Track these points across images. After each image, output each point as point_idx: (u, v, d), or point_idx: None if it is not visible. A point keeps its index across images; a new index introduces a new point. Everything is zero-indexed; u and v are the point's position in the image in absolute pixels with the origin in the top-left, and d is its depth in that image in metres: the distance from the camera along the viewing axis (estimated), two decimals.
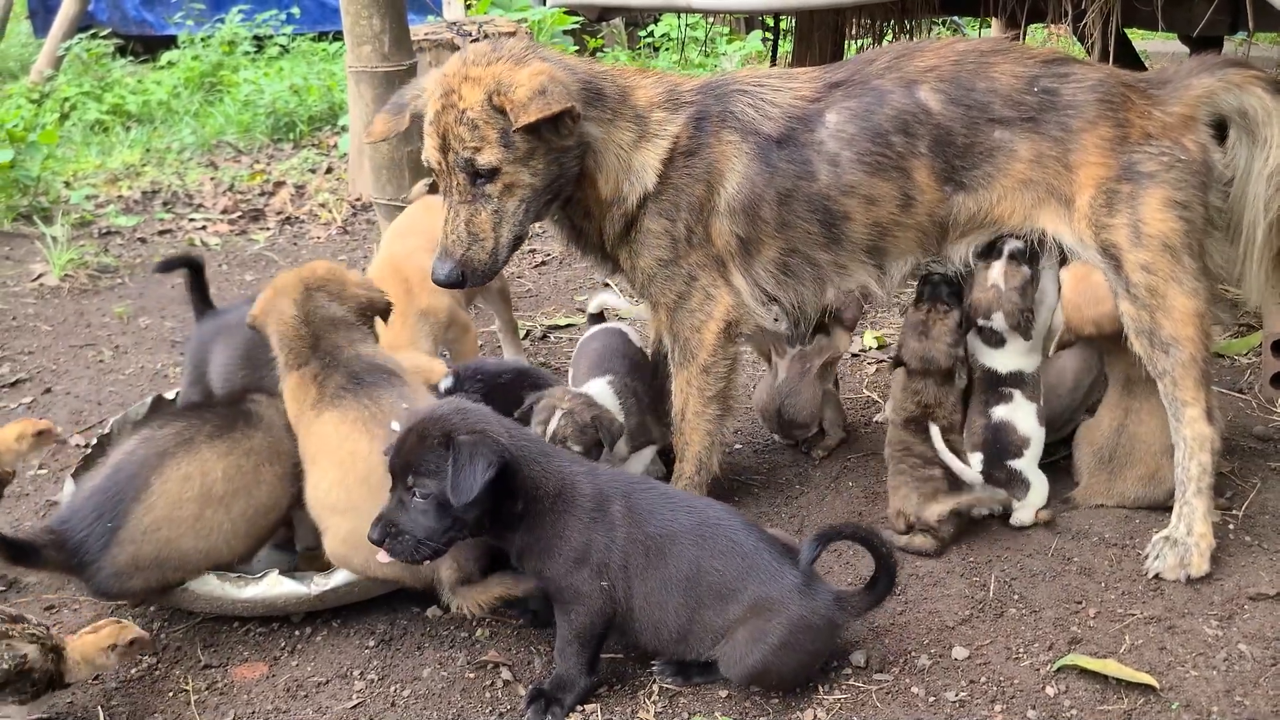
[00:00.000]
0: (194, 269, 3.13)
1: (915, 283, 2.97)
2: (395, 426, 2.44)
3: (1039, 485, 2.85)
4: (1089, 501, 2.93)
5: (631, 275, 2.79)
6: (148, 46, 11.21)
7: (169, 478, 2.47)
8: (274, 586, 2.51)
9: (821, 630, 2.26)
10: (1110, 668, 2.32)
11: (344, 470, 2.49)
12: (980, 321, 2.86)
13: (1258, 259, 2.73)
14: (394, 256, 3.39)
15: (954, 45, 2.75)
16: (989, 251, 2.81)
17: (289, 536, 2.81)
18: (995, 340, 2.86)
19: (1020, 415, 2.84)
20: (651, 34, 10.19)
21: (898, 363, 2.94)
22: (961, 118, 2.65)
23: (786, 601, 2.22)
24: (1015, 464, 2.83)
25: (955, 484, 2.79)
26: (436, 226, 3.32)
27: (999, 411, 2.85)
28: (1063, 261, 2.88)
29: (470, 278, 2.57)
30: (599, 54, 10.25)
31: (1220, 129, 2.69)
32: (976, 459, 2.86)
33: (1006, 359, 2.87)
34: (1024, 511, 2.83)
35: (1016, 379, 2.86)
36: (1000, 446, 2.84)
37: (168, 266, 3.22)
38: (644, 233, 2.70)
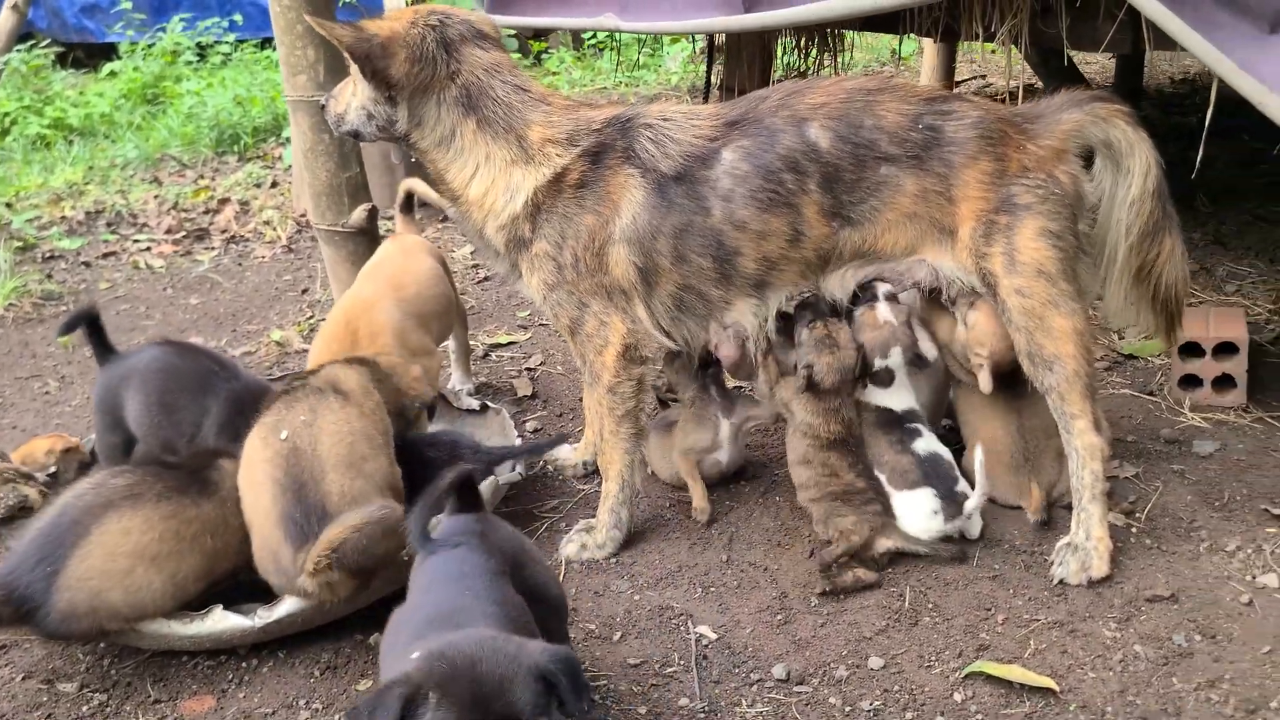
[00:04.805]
0: (90, 321, 3.23)
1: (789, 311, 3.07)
2: (283, 435, 2.65)
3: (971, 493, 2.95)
4: (1030, 502, 3.02)
5: (530, 293, 2.94)
6: (89, 54, 11.13)
7: (108, 529, 2.54)
8: (219, 622, 2.59)
9: None
10: (1014, 673, 2.46)
11: (246, 474, 2.70)
12: (877, 362, 2.97)
13: (1117, 278, 2.91)
14: (351, 303, 3.40)
15: (842, 84, 2.86)
16: (860, 298, 2.96)
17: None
18: (887, 379, 2.99)
19: (937, 444, 2.98)
20: (595, 36, 10.26)
21: (810, 385, 2.96)
22: (850, 155, 2.76)
23: None
24: (959, 486, 2.93)
25: (889, 513, 2.89)
26: (405, 270, 3.42)
27: (920, 446, 2.96)
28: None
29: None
30: (544, 56, 10.31)
31: (1088, 157, 2.85)
32: (925, 495, 2.89)
33: (898, 396, 3.01)
34: (975, 522, 2.91)
35: (913, 414, 3.00)
36: (944, 475, 2.93)
37: (68, 329, 3.28)
38: (535, 255, 2.85)
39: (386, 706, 1.68)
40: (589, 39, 10.28)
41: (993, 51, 8.25)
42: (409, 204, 3.85)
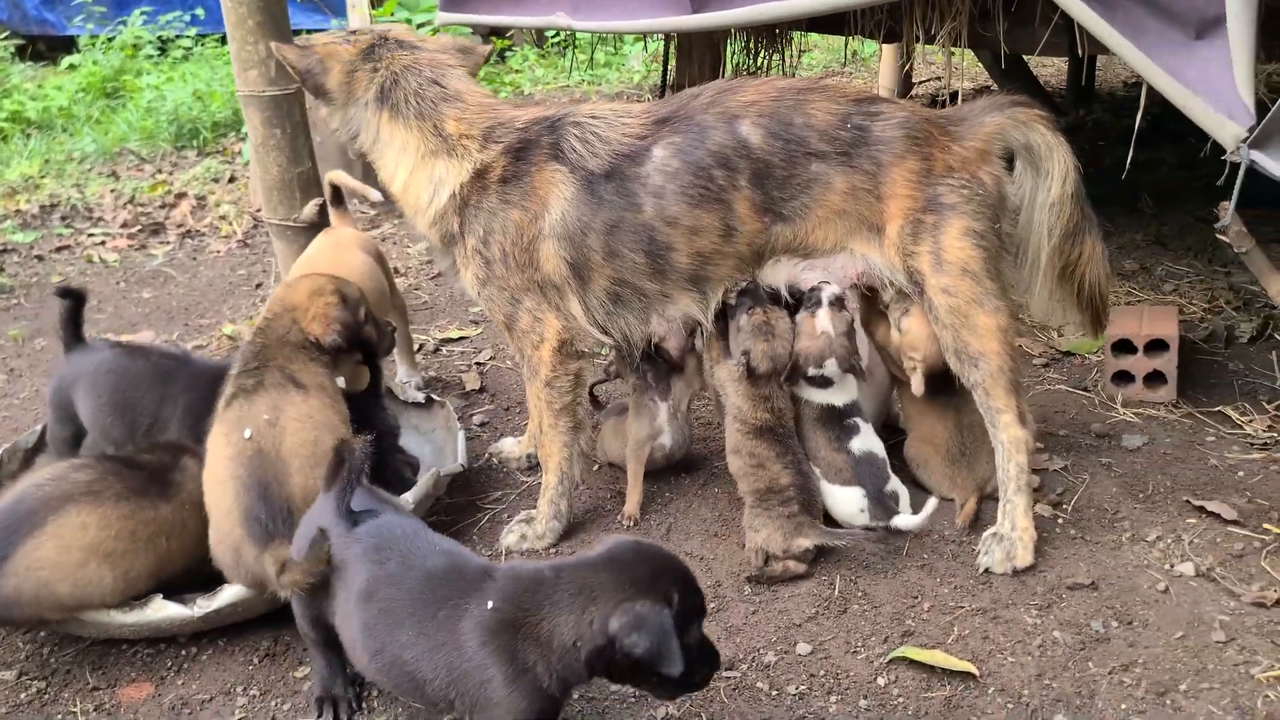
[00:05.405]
0: (74, 300, 3.24)
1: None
2: (247, 434, 2.65)
3: (903, 491, 3.04)
4: (961, 495, 3.11)
5: (465, 287, 3.01)
6: (50, 47, 11.06)
7: (65, 522, 2.55)
8: (158, 611, 2.62)
9: None
10: (936, 658, 2.53)
11: (209, 470, 2.71)
12: (811, 370, 3.02)
13: (1041, 279, 2.99)
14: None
15: (773, 83, 2.92)
16: (805, 300, 3.02)
17: None
18: (824, 383, 3.05)
19: (873, 440, 3.04)
20: (557, 34, 10.29)
21: (749, 371, 3.00)
22: (781, 152, 2.82)
23: None
24: (889, 486, 2.99)
25: (809, 509, 2.92)
26: (338, 265, 3.51)
27: (856, 444, 3.01)
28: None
29: None
30: (507, 53, 10.34)
31: (1010, 160, 2.94)
32: (855, 494, 2.97)
33: (840, 394, 3.06)
34: (906, 518, 2.92)
35: (854, 407, 3.06)
36: (876, 475, 2.99)
37: (67, 293, 3.29)
38: (466, 250, 2.92)
39: (663, 629, 1.91)
40: (552, 37, 10.32)
41: (951, 53, 8.37)
42: (338, 196, 3.85)
